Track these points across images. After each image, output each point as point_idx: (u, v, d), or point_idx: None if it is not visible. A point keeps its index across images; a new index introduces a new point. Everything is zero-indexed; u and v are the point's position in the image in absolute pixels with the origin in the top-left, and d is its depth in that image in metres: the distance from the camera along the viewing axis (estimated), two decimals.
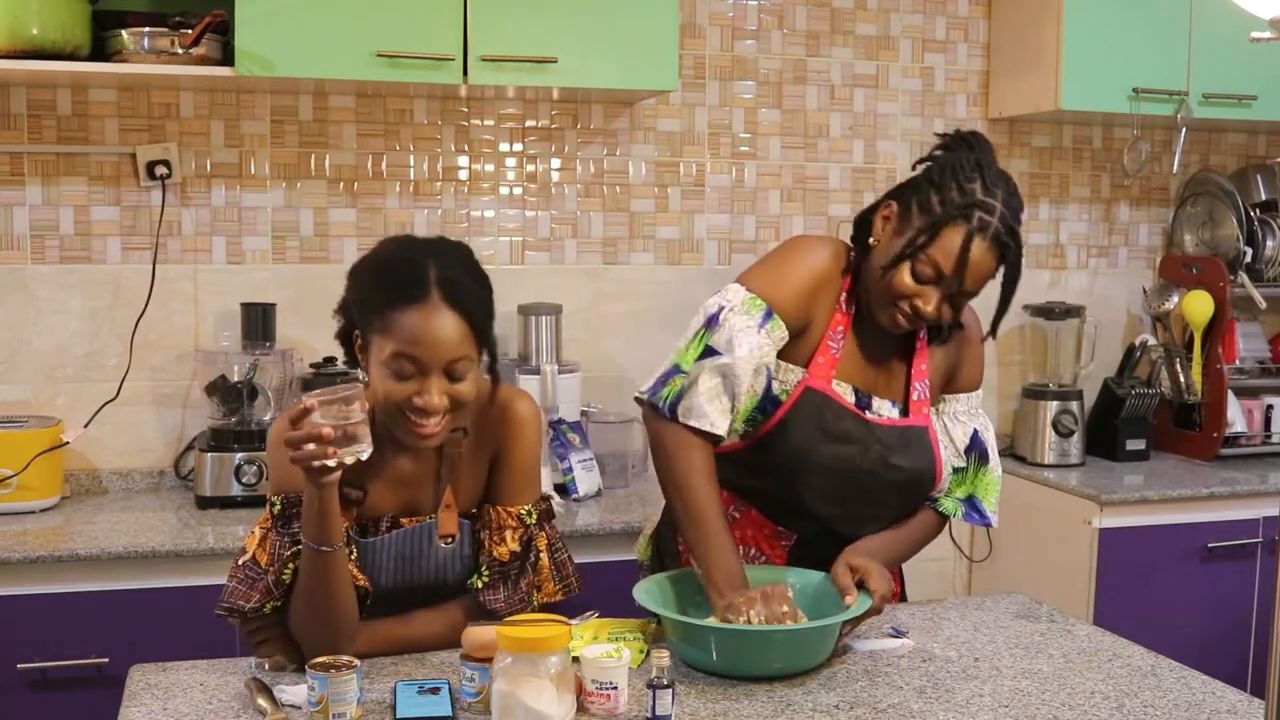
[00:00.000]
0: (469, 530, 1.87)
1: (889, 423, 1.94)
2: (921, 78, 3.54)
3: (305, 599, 1.72)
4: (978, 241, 1.80)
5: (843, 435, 1.90)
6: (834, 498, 1.93)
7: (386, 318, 1.71)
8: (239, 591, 1.76)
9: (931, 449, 1.96)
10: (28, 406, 2.94)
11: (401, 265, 1.75)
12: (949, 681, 1.75)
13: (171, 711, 1.62)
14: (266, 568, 1.76)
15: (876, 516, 1.98)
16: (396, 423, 1.74)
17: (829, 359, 1.91)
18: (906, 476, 1.94)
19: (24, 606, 2.44)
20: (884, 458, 1.92)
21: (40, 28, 2.59)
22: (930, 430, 1.97)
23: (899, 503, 1.99)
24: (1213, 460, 3.51)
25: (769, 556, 2.01)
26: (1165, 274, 3.72)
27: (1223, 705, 1.68)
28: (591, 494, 2.95)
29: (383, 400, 1.73)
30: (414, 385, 1.71)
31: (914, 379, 1.97)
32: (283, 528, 1.76)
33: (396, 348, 1.70)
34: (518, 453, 1.87)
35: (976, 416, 2.04)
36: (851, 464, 1.90)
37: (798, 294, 1.90)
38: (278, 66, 2.69)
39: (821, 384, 1.90)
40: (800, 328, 1.91)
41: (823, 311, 1.93)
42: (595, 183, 3.30)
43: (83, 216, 2.96)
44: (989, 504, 2.03)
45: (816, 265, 1.93)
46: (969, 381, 2.03)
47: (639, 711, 1.60)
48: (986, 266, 1.82)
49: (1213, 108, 3.38)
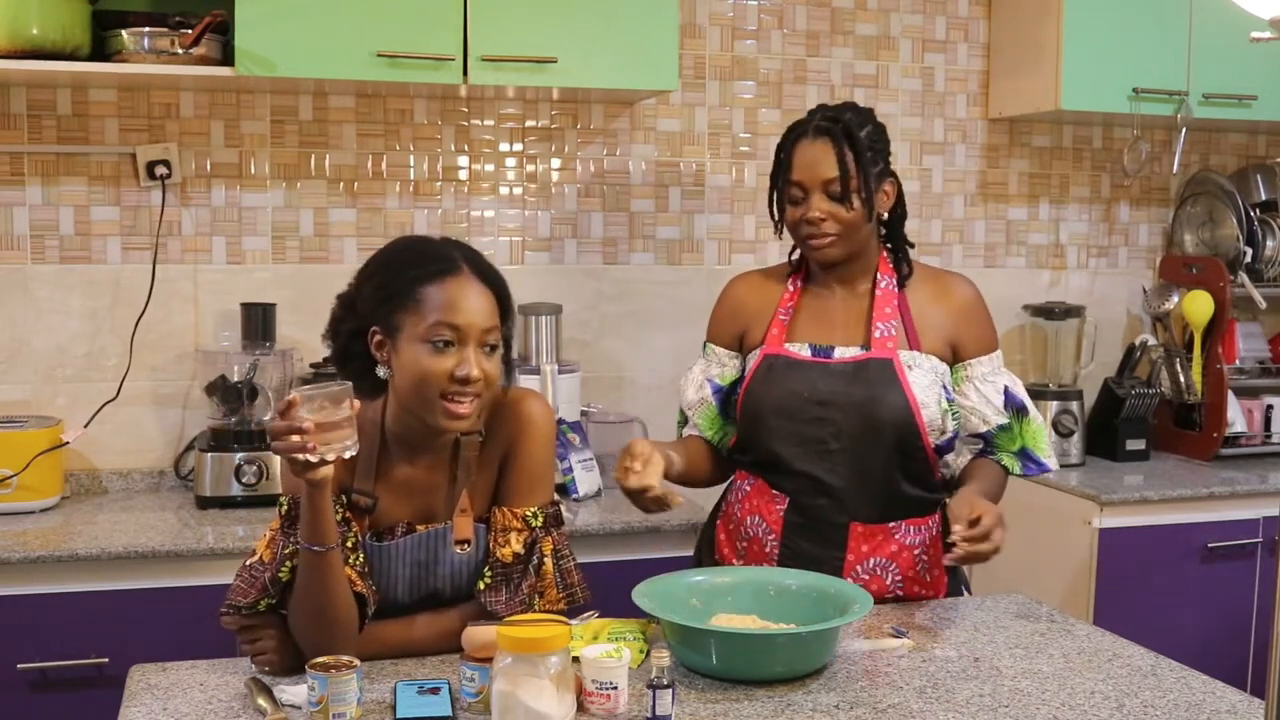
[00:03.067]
0: (483, 535, 1.86)
1: (847, 360, 2.07)
2: (921, 78, 3.54)
3: (302, 599, 1.71)
4: (805, 141, 2.06)
5: (792, 378, 2.07)
6: (795, 437, 2.05)
7: (418, 295, 1.72)
8: (239, 589, 1.76)
9: (896, 376, 2.03)
10: (28, 406, 2.94)
11: (424, 247, 1.80)
12: (949, 681, 1.75)
13: (171, 711, 1.62)
14: (268, 566, 1.76)
15: (850, 453, 2.03)
16: (431, 407, 1.73)
17: (781, 328, 2.13)
18: (862, 399, 2.02)
19: (24, 606, 2.44)
20: (836, 388, 2.04)
21: (40, 28, 2.59)
22: (896, 360, 2.04)
23: (873, 436, 2.03)
24: (1213, 460, 3.51)
25: (768, 522, 2.09)
26: (1165, 274, 3.72)
27: (1223, 705, 1.68)
28: (591, 494, 2.95)
29: (418, 382, 1.72)
30: (453, 358, 1.72)
31: (875, 321, 2.08)
32: (288, 528, 1.76)
33: (437, 318, 1.71)
34: (525, 453, 1.87)
35: (1002, 374, 2.13)
36: (800, 398, 2.05)
37: (720, 320, 2.24)
38: (278, 66, 2.69)
39: (774, 348, 2.11)
40: (739, 334, 2.19)
41: (760, 306, 2.17)
42: (595, 183, 3.30)
43: (83, 216, 2.97)
44: (1041, 452, 2.14)
45: (727, 292, 2.25)
46: (982, 345, 2.13)
47: (639, 711, 1.60)
48: (823, 152, 2.04)
49: (1213, 108, 3.38)
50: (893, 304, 2.09)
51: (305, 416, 1.59)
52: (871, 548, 2.07)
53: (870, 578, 2.07)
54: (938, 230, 3.59)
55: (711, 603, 1.90)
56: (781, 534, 2.08)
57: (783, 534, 2.07)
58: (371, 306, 1.77)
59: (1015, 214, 3.67)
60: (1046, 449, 2.14)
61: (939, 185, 3.58)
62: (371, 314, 1.77)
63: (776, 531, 2.08)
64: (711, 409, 2.20)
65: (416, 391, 1.73)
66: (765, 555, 2.09)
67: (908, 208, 2.18)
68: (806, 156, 2.05)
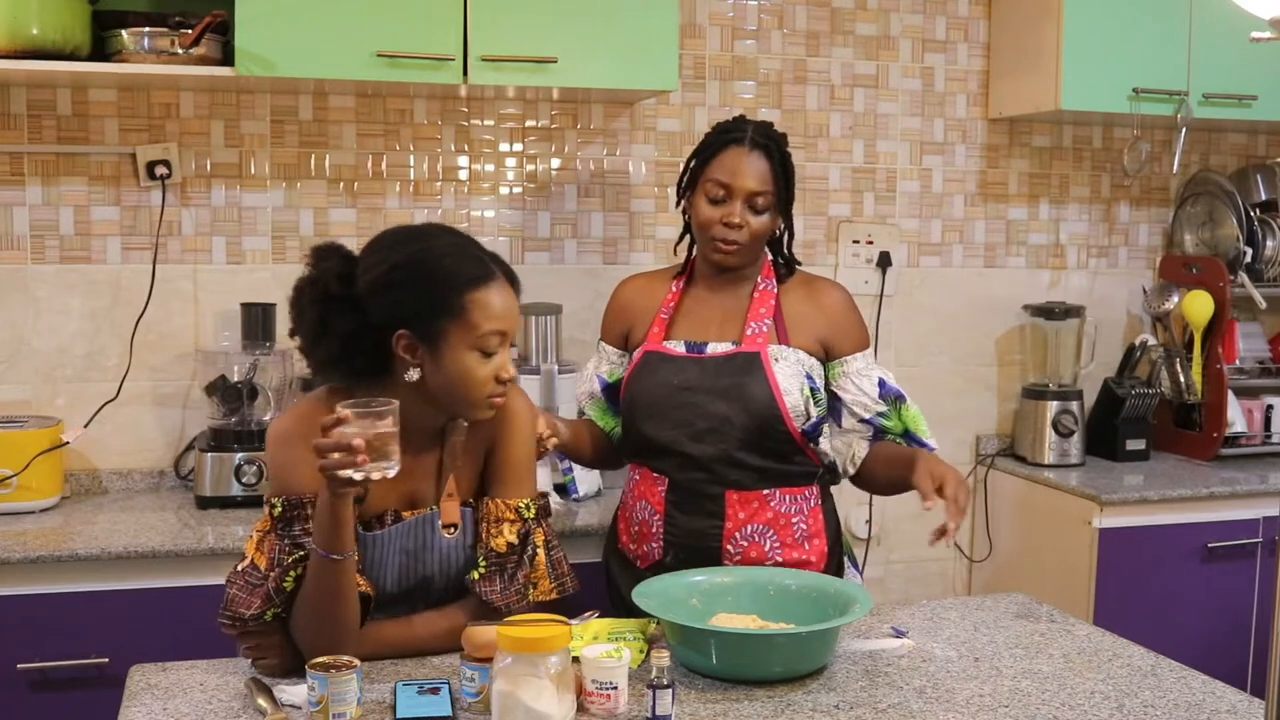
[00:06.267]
0: (470, 520, 1.88)
1: (719, 354, 2.18)
2: (921, 78, 3.54)
3: (311, 606, 1.71)
4: (739, 149, 2.16)
5: (663, 370, 2.19)
6: (666, 421, 2.17)
7: (467, 302, 1.75)
8: (240, 599, 1.74)
9: (762, 367, 2.15)
10: (28, 406, 2.94)
11: (456, 253, 1.80)
12: (949, 681, 1.75)
13: (171, 711, 1.62)
14: (267, 573, 1.74)
15: (717, 432, 2.14)
16: (477, 405, 1.80)
17: (661, 327, 2.26)
18: (726, 385, 2.15)
19: (24, 606, 2.44)
20: (700, 376, 2.16)
21: (40, 28, 2.59)
22: (763, 354, 2.16)
23: (735, 417, 2.14)
24: (1213, 460, 3.51)
25: (652, 504, 2.20)
26: (1165, 274, 3.72)
27: (1223, 705, 1.68)
28: (591, 494, 2.96)
29: (468, 385, 1.77)
30: (497, 361, 1.79)
31: (750, 320, 2.21)
32: (283, 530, 1.75)
33: (491, 327, 1.76)
34: (513, 445, 1.90)
35: (875, 369, 2.27)
36: (669, 387, 2.17)
37: (609, 321, 2.37)
38: (278, 66, 2.69)
39: (652, 345, 2.24)
40: (624, 333, 2.33)
41: (645, 306, 2.30)
42: (595, 183, 3.30)
43: (83, 216, 2.96)
44: (923, 433, 2.28)
45: (616, 294, 2.37)
46: (854, 343, 2.26)
47: (639, 711, 1.60)
48: (757, 164, 2.15)
49: (1213, 108, 3.38)
50: (768, 304, 2.22)
51: (354, 433, 1.58)
52: (748, 514, 2.16)
53: (749, 544, 2.16)
54: (938, 230, 3.59)
55: (711, 603, 1.90)
56: (665, 512, 2.18)
57: (665, 512, 2.18)
58: (403, 313, 1.75)
59: (1015, 214, 3.67)
60: (926, 430, 2.28)
61: (939, 185, 3.58)
62: (403, 320, 1.75)
63: (660, 511, 2.19)
64: (600, 403, 2.36)
65: (464, 393, 1.79)
66: (652, 535, 2.20)
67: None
68: (740, 164, 2.15)
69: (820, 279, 2.33)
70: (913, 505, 3.29)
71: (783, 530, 2.17)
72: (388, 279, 1.76)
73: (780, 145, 2.20)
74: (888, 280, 3.52)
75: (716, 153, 2.18)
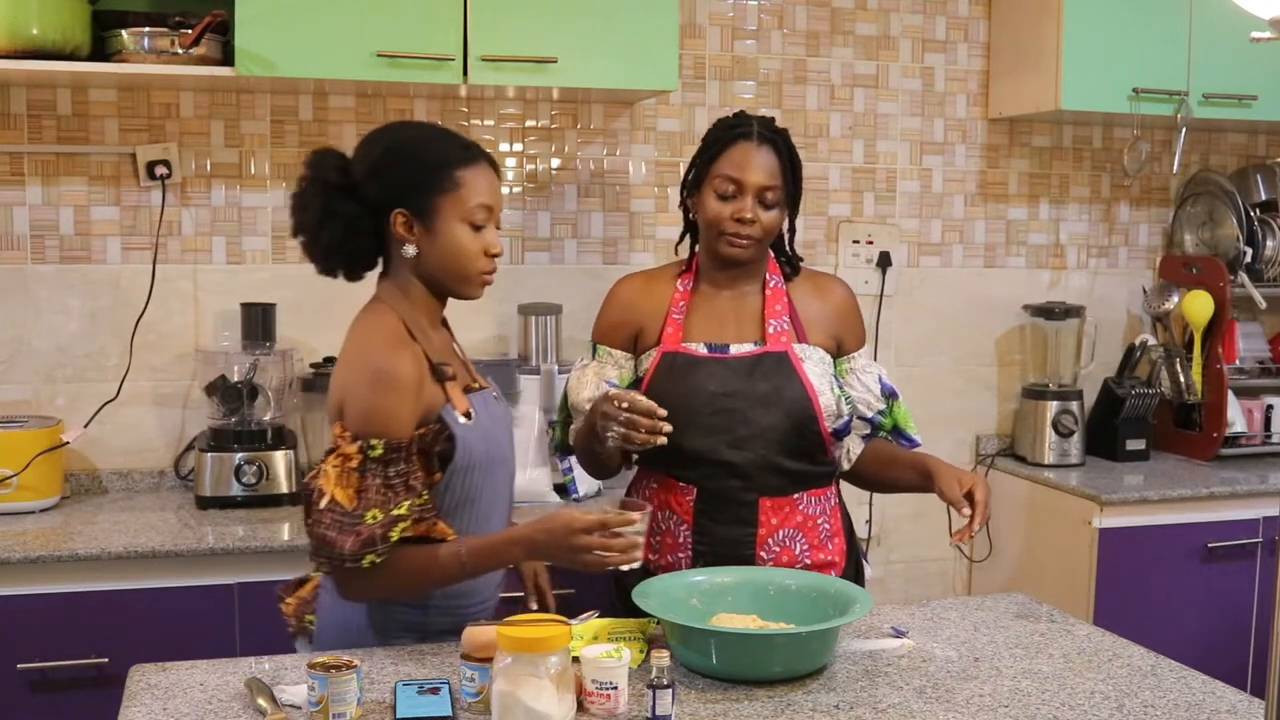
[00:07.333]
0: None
1: (743, 355, 2.15)
2: (921, 78, 3.54)
3: (423, 583, 1.85)
4: (748, 144, 2.14)
5: (693, 375, 2.13)
6: (703, 429, 2.10)
7: (458, 178, 1.87)
8: (331, 538, 1.75)
9: (794, 368, 2.13)
10: (28, 406, 2.94)
11: (444, 133, 1.94)
12: (949, 681, 1.75)
13: (171, 711, 1.62)
14: (357, 513, 1.74)
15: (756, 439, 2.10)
16: (470, 280, 1.91)
17: (676, 328, 2.19)
18: (766, 391, 2.11)
19: (24, 606, 2.44)
20: (737, 380, 2.12)
21: (40, 28, 2.59)
22: (791, 353, 2.14)
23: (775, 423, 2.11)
24: (1213, 460, 3.51)
25: (678, 514, 2.14)
26: (1165, 274, 3.72)
27: (1223, 705, 1.68)
28: (591, 494, 2.96)
29: (462, 258, 1.88)
30: (487, 236, 1.90)
31: (768, 318, 2.18)
32: (377, 471, 1.76)
33: (479, 200, 1.88)
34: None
35: (874, 365, 2.30)
36: (705, 393, 2.11)
37: (611, 323, 2.26)
38: (278, 66, 2.69)
39: (672, 346, 2.17)
40: (632, 335, 2.23)
41: (652, 307, 2.22)
42: (595, 183, 3.30)
43: (83, 216, 2.97)
44: (911, 429, 2.31)
45: (616, 294, 2.28)
46: (859, 340, 2.29)
47: (639, 711, 1.60)
48: (767, 159, 2.13)
49: (1213, 108, 3.38)
50: (783, 301, 2.21)
51: (639, 533, 1.79)
52: (780, 520, 2.13)
53: (781, 549, 2.13)
54: (938, 230, 3.59)
55: (711, 603, 1.90)
56: (693, 522, 2.13)
57: (694, 522, 2.13)
58: (399, 190, 1.86)
59: (1015, 214, 3.67)
60: (914, 427, 2.31)
61: (939, 185, 3.58)
62: (399, 197, 1.86)
63: (689, 522, 2.13)
64: None
65: (458, 267, 1.89)
66: (679, 545, 2.14)
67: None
68: (750, 159, 2.13)
69: (823, 275, 2.33)
70: (913, 505, 3.31)
71: (810, 532, 2.15)
72: (383, 161, 1.88)
73: (787, 140, 2.19)
74: (888, 280, 3.52)
75: (725, 148, 2.15)
